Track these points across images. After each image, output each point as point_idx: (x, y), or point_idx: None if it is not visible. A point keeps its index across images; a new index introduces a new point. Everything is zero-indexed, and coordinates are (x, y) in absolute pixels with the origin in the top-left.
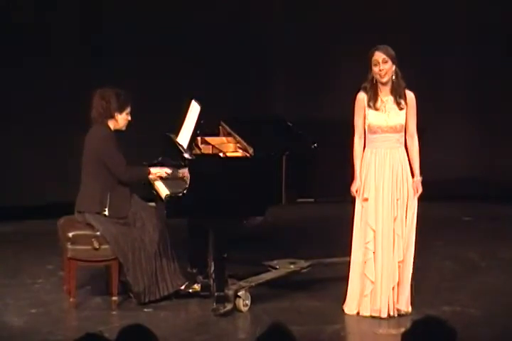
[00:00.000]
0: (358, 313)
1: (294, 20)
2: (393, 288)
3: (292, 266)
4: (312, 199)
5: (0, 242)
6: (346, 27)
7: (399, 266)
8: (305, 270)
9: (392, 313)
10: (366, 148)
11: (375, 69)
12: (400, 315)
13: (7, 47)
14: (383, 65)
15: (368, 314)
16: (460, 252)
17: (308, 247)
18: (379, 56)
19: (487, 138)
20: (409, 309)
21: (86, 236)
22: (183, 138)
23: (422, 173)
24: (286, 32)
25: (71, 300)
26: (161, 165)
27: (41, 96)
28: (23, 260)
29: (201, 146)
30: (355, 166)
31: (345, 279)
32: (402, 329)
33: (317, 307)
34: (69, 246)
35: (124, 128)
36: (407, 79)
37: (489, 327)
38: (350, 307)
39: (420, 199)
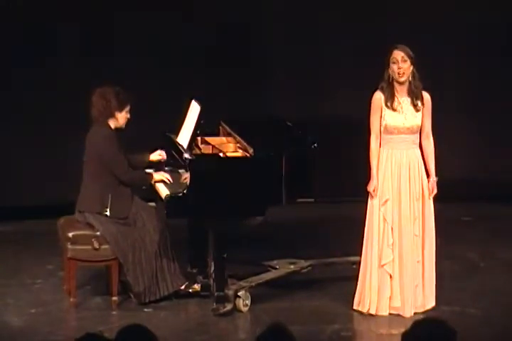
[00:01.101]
0: (372, 313)
1: (294, 20)
2: (415, 288)
3: (292, 266)
4: (312, 199)
5: (0, 242)
6: (346, 27)
7: (417, 266)
8: (305, 270)
9: (414, 313)
10: (382, 149)
11: (394, 67)
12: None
13: (7, 47)
14: (402, 64)
15: (386, 313)
16: (460, 252)
17: (309, 247)
18: (398, 54)
19: (487, 138)
20: (434, 303)
21: (86, 236)
22: (183, 138)
23: (437, 174)
24: (286, 32)
25: (71, 300)
26: (159, 165)
27: (41, 96)
28: (23, 260)
29: (201, 146)
30: (371, 166)
31: (345, 279)
32: (403, 330)
33: (317, 307)
34: (69, 246)
35: (123, 127)
36: None
37: (489, 327)
38: (366, 307)
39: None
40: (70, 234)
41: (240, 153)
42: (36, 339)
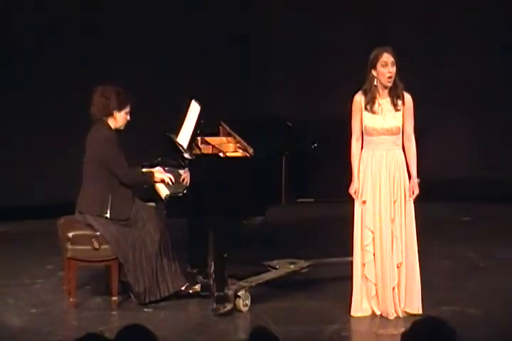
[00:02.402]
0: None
1: (294, 20)
2: (393, 290)
3: (292, 266)
4: (312, 199)
5: (0, 242)
6: (346, 27)
7: (399, 268)
8: (305, 270)
9: (397, 314)
10: (363, 150)
11: (384, 70)
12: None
13: (7, 47)
14: (392, 68)
15: (379, 313)
16: (459, 252)
17: (309, 247)
18: (388, 58)
19: (487, 138)
20: (420, 311)
21: (86, 236)
22: (183, 138)
23: (419, 175)
24: (286, 32)
25: (71, 300)
26: (159, 165)
27: (41, 96)
28: (23, 260)
29: (201, 146)
30: (352, 168)
31: (345, 279)
32: (402, 330)
33: (317, 307)
34: (69, 246)
35: (122, 128)
36: (407, 79)
37: (489, 327)
38: (356, 309)
39: (419, 199)
40: (70, 234)
41: (240, 153)
42: (36, 339)
